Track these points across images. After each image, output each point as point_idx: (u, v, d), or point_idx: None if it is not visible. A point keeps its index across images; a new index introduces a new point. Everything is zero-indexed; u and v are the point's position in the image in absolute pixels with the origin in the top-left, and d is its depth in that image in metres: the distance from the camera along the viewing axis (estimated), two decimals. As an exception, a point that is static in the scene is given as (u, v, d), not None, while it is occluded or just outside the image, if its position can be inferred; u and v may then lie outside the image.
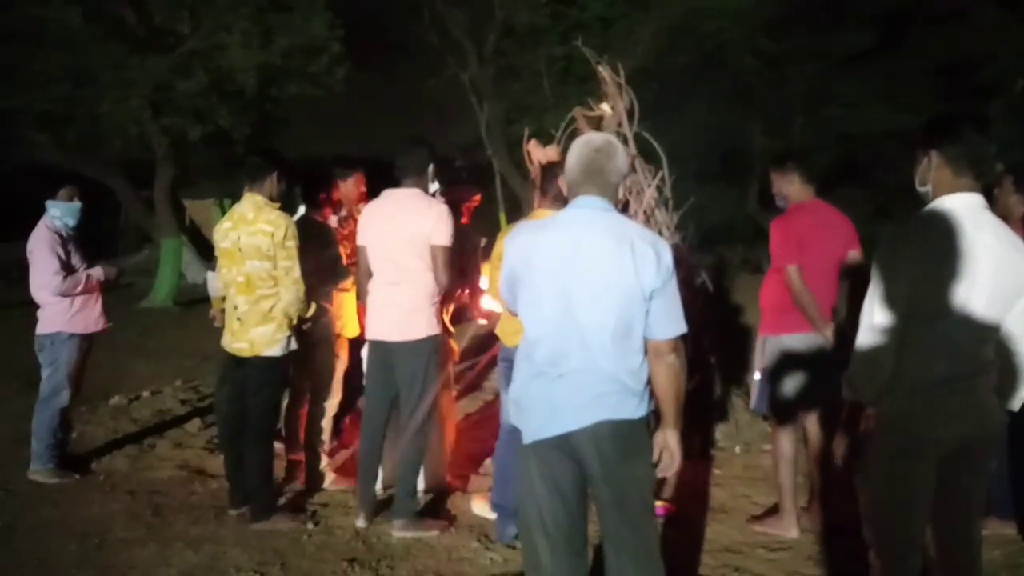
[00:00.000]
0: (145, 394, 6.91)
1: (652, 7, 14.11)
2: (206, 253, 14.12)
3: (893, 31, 13.99)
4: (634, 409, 2.54)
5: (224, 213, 4.59)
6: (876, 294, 2.53)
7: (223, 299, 4.42)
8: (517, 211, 14.81)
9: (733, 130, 15.32)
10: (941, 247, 2.47)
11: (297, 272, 4.16)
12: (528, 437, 2.60)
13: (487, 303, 4.63)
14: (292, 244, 4.13)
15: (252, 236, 4.11)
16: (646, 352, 2.57)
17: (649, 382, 2.59)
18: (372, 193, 4.60)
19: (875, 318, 2.52)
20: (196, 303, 12.47)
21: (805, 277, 3.96)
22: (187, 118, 11.91)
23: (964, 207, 2.51)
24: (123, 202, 14.98)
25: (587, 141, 2.68)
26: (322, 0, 12.17)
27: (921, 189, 2.63)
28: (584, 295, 2.51)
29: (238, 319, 4.19)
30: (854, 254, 4.12)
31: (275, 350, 4.18)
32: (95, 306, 4.99)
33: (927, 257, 2.47)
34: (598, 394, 2.52)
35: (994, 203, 3.43)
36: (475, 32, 16.43)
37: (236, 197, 4.40)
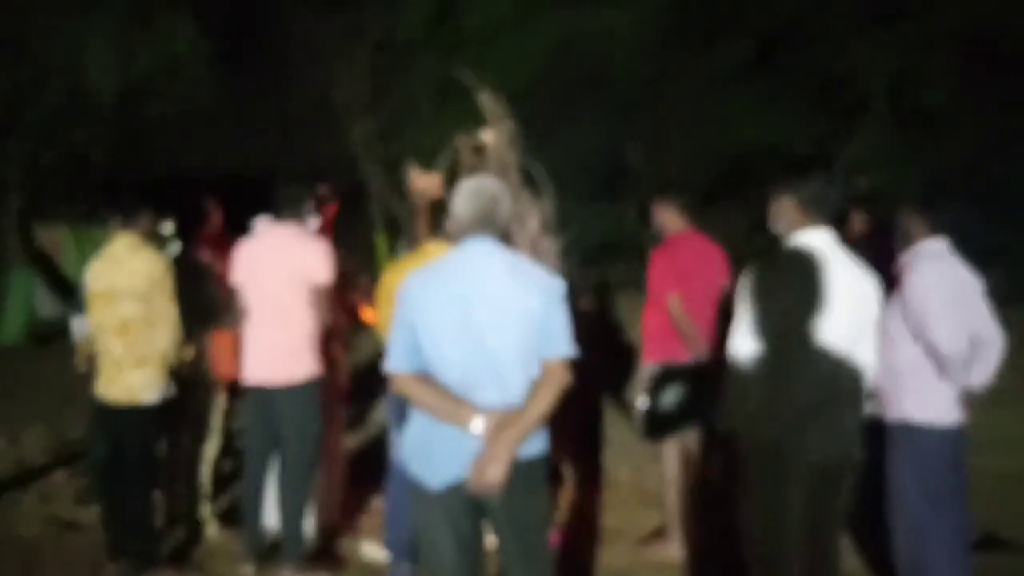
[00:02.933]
0: (2, 443, 6.40)
1: (530, 25, 14.24)
2: (59, 284, 13.17)
3: (765, 50, 14.66)
4: (533, 444, 2.62)
5: (77, 240, 4.37)
6: (743, 328, 2.73)
7: (90, 344, 4.18)
8: (396, 231, 14.58)
9: (614, 149, 15.67)
10: (803, 283, 2.69)
11: (174, 313, 3.99)
12: (437, 485, 2.59)
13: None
14: (168, 285, 3.97)
15: (127, 277, 3.92)
16: None
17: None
18: (241, 212, 4.49)
19: (741, 351, 2.72)
20: (51, 339, 11.63)
21: (688, 306, 4.13)
22: (37, 142, 11.19)
23: (820, 244, 2.76)
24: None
25: (480, 190, 2.73)
26: (187, 17, 11.70)
27: (775, 228, 2.88)
28: (491, 321, 2.58)
29: (114, 364, 3.98)
30: (725, 284, 4.33)
31: (153, 395, 4.00)
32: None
33: (790, 292, 2.69)
34: None
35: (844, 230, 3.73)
36: (346, 48, 16.10)
37: (92, 221, 4.21)
